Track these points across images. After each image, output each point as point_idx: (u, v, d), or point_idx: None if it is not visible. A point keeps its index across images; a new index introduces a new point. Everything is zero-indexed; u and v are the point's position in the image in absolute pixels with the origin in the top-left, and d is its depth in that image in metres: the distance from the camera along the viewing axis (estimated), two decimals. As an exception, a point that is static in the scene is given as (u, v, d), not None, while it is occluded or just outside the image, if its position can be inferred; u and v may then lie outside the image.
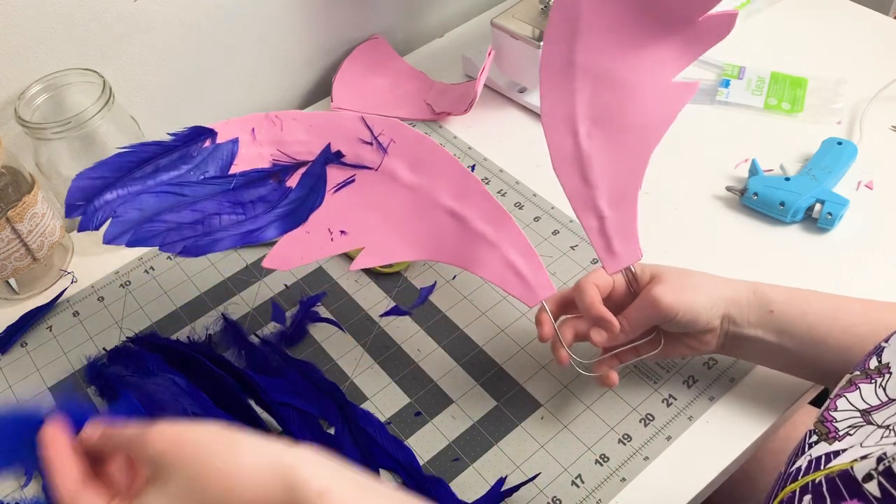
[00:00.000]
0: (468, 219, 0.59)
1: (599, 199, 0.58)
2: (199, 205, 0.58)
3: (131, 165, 0.58)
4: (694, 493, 0.57)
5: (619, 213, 0.57)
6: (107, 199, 0.58)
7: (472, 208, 0.59)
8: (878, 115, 0.82)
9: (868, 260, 0.70)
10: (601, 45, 0.57)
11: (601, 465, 0.59)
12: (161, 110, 0.83)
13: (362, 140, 0.60)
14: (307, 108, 0.91)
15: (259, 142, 0.60)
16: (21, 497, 0.60)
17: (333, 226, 0.59)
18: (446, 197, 0.59)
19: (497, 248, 0.58)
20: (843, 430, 0.43)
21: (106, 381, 0.65)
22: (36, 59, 0.72)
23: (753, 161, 0.76)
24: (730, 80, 0.87)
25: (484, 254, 0.58)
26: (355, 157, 0.60)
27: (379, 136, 0.59)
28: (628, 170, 0.57)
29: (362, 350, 0.67)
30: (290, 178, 0.60)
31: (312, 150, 0.61)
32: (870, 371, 0.45)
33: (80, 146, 0.71)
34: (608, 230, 0.57)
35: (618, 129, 0.58)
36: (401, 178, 0.60)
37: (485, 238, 0.58)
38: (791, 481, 0.42)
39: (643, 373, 0.63)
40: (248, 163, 0.60)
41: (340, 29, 0.92)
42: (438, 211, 0.59)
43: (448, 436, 0.61)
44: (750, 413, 0.61)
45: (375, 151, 0.60)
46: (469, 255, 0.59)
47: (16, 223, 0.68)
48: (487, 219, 0.58)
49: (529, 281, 0.58)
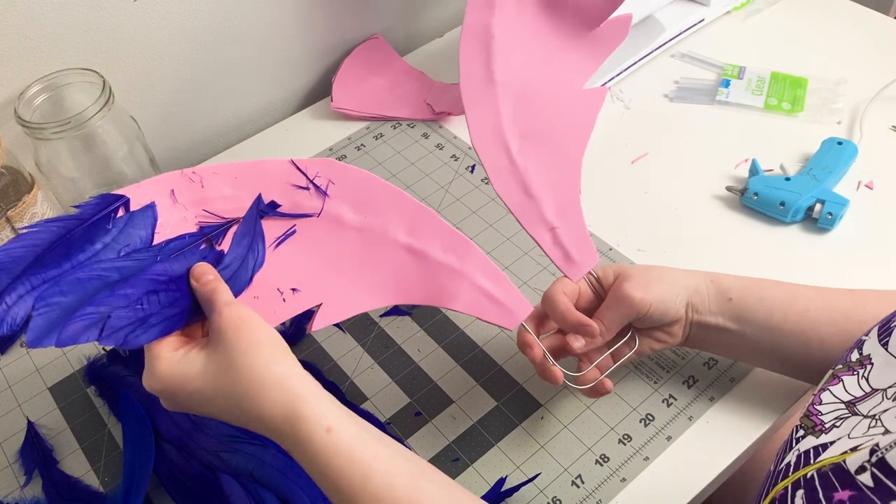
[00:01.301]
0: (427, 252, 0.55)
1: (546, 211, 0.58)
2: (130, 285, 0.48)
3: (38, 249, 0.48)
4: (694, 493, 0.57)
5: (567, 221, 0.58)
6: (19, 294, 0.46)
7: (429, 240, 0.55)
8: (878, 115, 0.82)
9: (868, 260, 0.70)
10: (517, 63, 0.58)
11: (601, 465, 0.59)
12: (161, 110, 0.83)
13: (297, 185, 0.54)
14: (306, 109, 0.91)
15: (181, 204, 0.52)
16: (21, 497, 0.60)
17: (283, 285, 0.53)
18: (400, 233, 0.55)
19: (464, 277, 0.55)
20: (830, 423, 0.43)
21: (106, 381, 0.65)
22: (36, 59, 0.72)
23: (753, 161, 0.76)
24: (730, 80, 0.87)
25: (452, 286, 0.54)
26: (293, 206, 0.54)
27: (315, 179, 0.54)
28: (565, 178, 0.58)
29: (362, 350, 0.67)
30: (222, 240, 0.53)
31: (242, 206, 0.54)
32: (852, 363, 0.45)
33: (80, 146, 0.71)
34: (561, 240, 0.58)
35: (547, 141, 0.59)
36: (347, 222, 0.55)
37: (450, 268, 0.55)
38: (782, 478, 0.42)
39: (643, 373, 0.63)
40: (172, 229, 0.52)
41: (340, 29, 0.92)
42: (394, 249, 0.55)
43: (448, 436, 0.61)
44: (750, 413, 0.61)
45: (314, 196, 0.54)
46: (437, 290, 0.54)
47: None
48: (448, 248, 0.55)
49: (504, 303, 0.55)
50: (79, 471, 0.61)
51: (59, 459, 0.62)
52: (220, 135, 0.90)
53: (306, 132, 0.89)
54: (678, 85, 0.88)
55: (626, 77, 0.90)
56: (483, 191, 0.79)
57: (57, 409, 0.65)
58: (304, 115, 0.91)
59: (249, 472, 0.56)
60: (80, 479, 0.60)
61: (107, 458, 0.62)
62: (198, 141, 0.88)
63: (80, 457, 0.62)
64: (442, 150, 0.84)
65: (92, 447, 0.62)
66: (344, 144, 0.86)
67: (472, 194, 0.79)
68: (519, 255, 0.73)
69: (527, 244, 0.74)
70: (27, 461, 0.61)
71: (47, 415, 0.65)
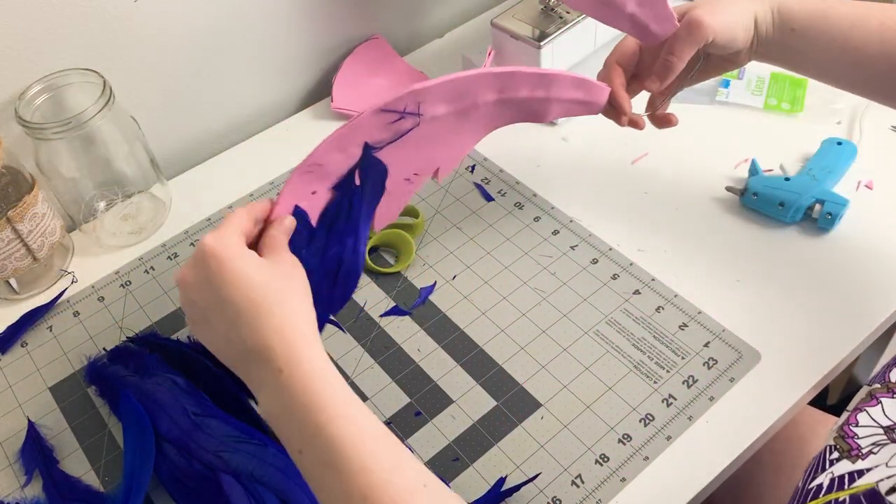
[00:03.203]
0: (516, 97, 0.62)
1: (626, 4, 0.63)
2: None
3: None
4: (694, 493, 0.57)
5: (645, 5, 0.63)
6: None
7: (516, 91, 0.62)
8: (878, 115, 0.82)
9: (868, 260, 0.70)
10: None
11: (601, 465, 0.59)
12: (161, 110, 0.83)
13: (392, 121, 0.60)
14: (306, 109, 0.91)
15: (316, 194, 0.59)
16: (21, 497, 0.60)
17: (406, 175, 0.63)
18: (490, 97, 0.62)
19: (552, 100, 0.63)
20: (867, 448, 0.42)
21: (106, 381, 0.65)
22: (36, 59, 0.72)
23: (753, 161, 0.76)
24: (730, 81, 0.87)
25: (543, 108, 0.64)
26: (394, 133, 0.61)
27: (406, 111, 0.60)
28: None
29: (362, 350, 0.67)
30: (353, 180, 0.60)
31: (356, 156, 0.60)
32: (890, 384, 0.44)
33: (80, 146, 0.71)
34: (641, 22, 0.64)
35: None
36: (442, 114, 0.61)
37: (539, 99, 0.63)
38: (812, 498, 0.41)
39: (643, 373, 0.64)
40: (315, 211, 0.59)
41: (340, 29, 0.92)
42: (486, 107, 0.62)
43: (448, 436, 0.61)
44: (750, 413, 0.61)
45: (410, 119, 0.60)
46: (528, 115, 0.64)
47: (16, 223, 0.68)
48: (535, 87, 0.62)
49: (588, 99, 0.64)
50: (79, 471, 0.61)
51: (59, 459, 0.62)
52: (220, 135, 0.90)
53: (306, 132, 0.89)
54: (678, 85, 0.88)
55: (626, 77, 0.90)
56: (483, 191, 0.79)
57: (57, 409, 0.65)
58: (305, 115, 0.91)
59: (249, 472, 0.56)
60: (80, 478, 0.60)
61: (107, 457, 0.62)
62: (198, 141, 0.88)
63: (80, 457, 0.62)
64: (442, 150, 0.84)
65: (92, 447, 0.62)
66: (344, 144, 0.86)
67: (472, 194, 0.79)
68: (519, 255, 0.73)
69: (527, 244, 0.74)
70: (27, 461, 0.61)
71: (48, 415, 0.65)
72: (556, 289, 0.70)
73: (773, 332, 0.65)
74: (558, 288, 0.70)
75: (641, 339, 0.66)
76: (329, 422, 0.43)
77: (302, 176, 0.58)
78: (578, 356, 0.65)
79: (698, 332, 0.66)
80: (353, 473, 0.42)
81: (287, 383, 0.44)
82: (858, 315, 0.66)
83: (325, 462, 0.43)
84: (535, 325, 0.67)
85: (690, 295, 0.68)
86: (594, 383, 0.63)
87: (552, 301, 0.69)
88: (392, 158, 0.61)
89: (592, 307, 0.68)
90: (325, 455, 0.43)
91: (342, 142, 0.59)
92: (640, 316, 0.67)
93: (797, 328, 0.66)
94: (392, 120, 0.59)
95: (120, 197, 0.77)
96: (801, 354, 0.64)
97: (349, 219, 0.60)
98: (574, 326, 0.67)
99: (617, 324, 0.67)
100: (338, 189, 0.59)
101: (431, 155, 0.63)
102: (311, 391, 0.44)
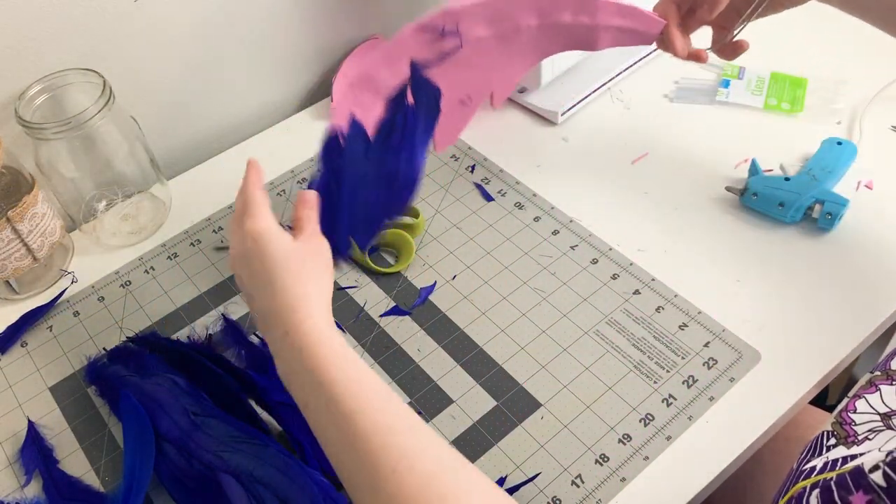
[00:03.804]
0: (559, 22, 0.64)
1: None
2: None
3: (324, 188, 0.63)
4: (694, 492, 0.57)
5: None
6: None
7: (558, 14, 0.63)
8: (878, 115, 0.82)
9: (868, 260, 0.70)
10: None
11: (601, 465, 0.59)
12: (161, 110, 0.83)
13: (433, 41, 0.64)
14: (306, 109, 0.91)
15: (367, 103, 0.64)
16: (21, 497, 0.60)
17: (459, 95, 0.66)
18: (532, 20, 0.64)
19: (599, 27, 0.64)
20: (863, 435, 0.42)
21: (106, 381, 0.65)
22: (36, 59, 0.72)
23: (753, 161, 0.76)
24: (730, 81, 0.87)
25: (591, 36, 0.65)
26: (439, 54, 0.65)
27: (446, 29, 0.63)
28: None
29: (362, 350, 0.67)
30: (405, 98, 0.64)
31: (404, 72, 0.64)
32: (891, 372, 0.45)
33: (80, 146, 0.71)
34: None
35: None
36: (484, 36, 0.64)
37: (584, 26, 0.64)
38: (803, 478, 0.41)
39: (643, 373, 0.64)
40: (372, 123, 0.63)
41: (340, 29, 0.92)
42: (528, 32, 0.64)
43: (448, 436, 0.61)
44: (750, 413, 0.61)
45: (451, 38, 0.64)
46: (576, 42, 0.65)
47: (16, 223, 0.68)
48: (578, 12, 0.63)
49: (640, 28, 0.65)
50: (79, 471, 0.61)
51: (59, 459, 0.62)
52: (220, 135, 0.90)
53: (306, 132, 0.89)
54: (678, 85, 0.89)
55: (626, 77, 0.90)
56: (483, 191, 0.79)
57: (57, 409, 0.65)
58: (305, 115, 0.91)
59: (249, 472, 0.56)
60: (80, 478, 0.60)
61: (107, 457, 0.62)
62: (198, 141, 0.88)
63: (80, 457, 0.62)
64: (442, 150, 0.84)
65: (92, 447, 0.62)
66: (344, 144, 0.86)
67: (472, 195, 0.79)
68: (519, 255, 0.73)
69: (527, 244, 0.74)
70: (28, 461, 0.61)
71: (48, 415, 0.65)
72: (556, 289, 0.70)
73: (773, 332, 0.65)
74: (558, 288, 0.70)
75: (641, 339, 0.66)
76: (325, 373, 0.48)
77: (353, 88, 0.61)
78: (578, 356, 0.65)
79: (698, 332, 0.66)
80: (351, 414, 0.46)
81: (303, 351, 0.50)
82: (858, 315, 0.66)
83: (328, 414, 0.47)
84: (535, 325, 0.68)
85: (690, 295, 0.68)
86: (594, 383, 0.63)
87: (552, 301, 0.69)
88: (443, 79, 0.64)
89: (592, 307, 0.68)
90: (325, 402, 0.47)
91: (389, 57, 0.63)
92: (640, 316, 0.67)
93: (797, 328, 0.66)
94: (433, 39, 0.63)
95: (120, 197, 0.77)
96: (801, 354, 0.64)
97: (404, 134, 0.63)
98: (574, 326, 0.67)
99: (617, 324, 0.67)
100: (391, 104, 0.62)
101: (484, 78, 0.66)
102: (312, 354, 0.49)
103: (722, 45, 0.69)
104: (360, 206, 0.66)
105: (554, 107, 0.84)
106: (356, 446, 0.45)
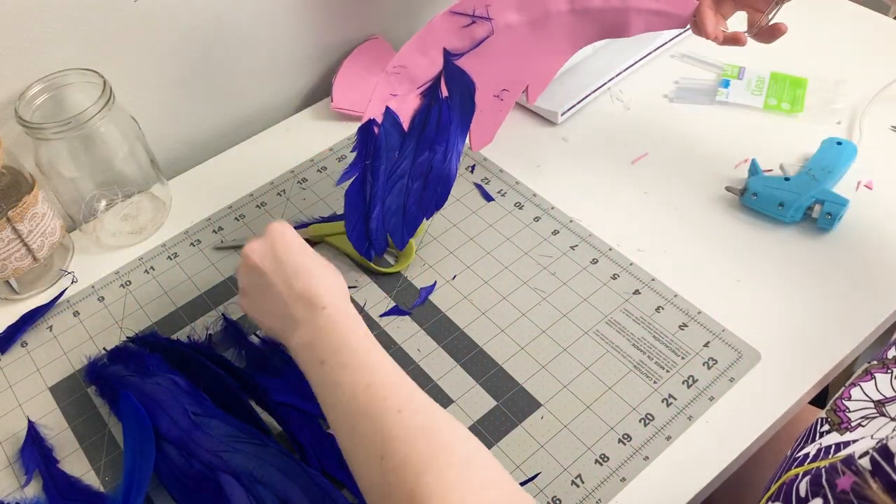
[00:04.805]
0: (589, 6, 0.64)
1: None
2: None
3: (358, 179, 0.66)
4: (694, 492, 0.57)
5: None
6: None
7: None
8: (878, 115, 0.82)
9: (868, 260, 0.70)
10: None
11: (601, 465, 0.59)
12: (161, 110, 0.83)
13: (465, 25, 0.64)
14: (306, 109, 0.91)
15: (402, 95, 0.65)
16: (21, 497, 0.60)
17: (495, 92, 0.67)
18: (561, 5, 0.64)
19: (630, 11, 0.64)
20: (856, 421, 0.42)
21: (106, 381, 0.65)
22: (36, 59, 0.72)
23: (753, 161, 0.76)
24: (729, 81, 0.87)
25: (622, 20, 0.64)
26: (471, 41, 0.65)
27: (475, 13, 0.63)
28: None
29: (362, 350, 0.67)
30: (440, 90, 0.66)
31: (437, 62, 0.66)
32: (887, 361, 0.45)
33: (80, 146, 0.71)
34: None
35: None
36: (515, 24, 0.64)
37: (614, 10, 0.64)
38: (797, 465, 0.42)
39: (643, 373, 0.64)
40: (406, 116, 0.66)
41: (340, 29, 0.92)
42: (559, 18, 0.65)
43: (448, 436, 0.61)
44: (750, 413, 0.61)
45: (482, 24, 0.65)
46: (608, 29, 0.65)
47: (16, 223, 0.68)
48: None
49: (672, 11, 0.64)
50: (79, 470, 0.61)
51: (59, 459, 0.62)
52: (220, 135, 0.90)
53: (306, 132, 0.89)
54: (678, 85, 0.89)
55: (626, 77, 0.90)
56: (483, 191, 0.79)
57: (57, 409, 0.65)
58: (305, 116, 0.91)
59: (249, 472, 0.56)
60: (80, 478, 0.60)
61: (107, 457, 0.62)
62: (198, 141, 0.88)
63: (80, 456, 0.62)
64: (442, 150, 0.84)
65: (92, 447, 0.63)
66: (344, 144, 0.86)
67: (472, 195, 0.79)
68: (519, 255, 0.73)
69: (527, 244, 0.74)
70: (28, 461, 0.61)
71: (48, 415, 0.65)
72: (556, 289, 0.70)
73: (773, 332, 0.65)
74: (558, 288, 0.70)
75: (641, 339, 0.66)
76: (350, 333, 0.53)
77: (389, 77, 0.62)
78: (578, 356, 0.65)
79: (698, 332, 0.66)
80: (361, 367, 0.51)
81: (329, 314, 0.53)
82: (858, 315, 0.66)
83: (343, 363, 0.51)
84: (535, 325, 0.68)
85: (690, 295, 0.68)
86: (594, 383, 0.63)
87: (552, 301, 0.69)
88: (477, 72, 0.65)
89: (592, 307, 0.68)
90: (343, 358, 0.51)
91: (421, 44, 0.63)
92: (640, 316, 0.67)
93: (797, 328, 0.66)
94: (465, 24, 0.63)
95: (120, 197, 0.77)
96: (801, 354, 0.64)
97: (439, 127, 0.64)
98: (574, 326, 0.67)
99: (617, 324, 0.67)
100: (426, 95, 0.64)
101: (518, 70, 0.66)
102: (343, 325, 0.53)
103: (759, 28, 0.68)
104: (396, 200, 0.67)
105: (554, 107, 0.84)
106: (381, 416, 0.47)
